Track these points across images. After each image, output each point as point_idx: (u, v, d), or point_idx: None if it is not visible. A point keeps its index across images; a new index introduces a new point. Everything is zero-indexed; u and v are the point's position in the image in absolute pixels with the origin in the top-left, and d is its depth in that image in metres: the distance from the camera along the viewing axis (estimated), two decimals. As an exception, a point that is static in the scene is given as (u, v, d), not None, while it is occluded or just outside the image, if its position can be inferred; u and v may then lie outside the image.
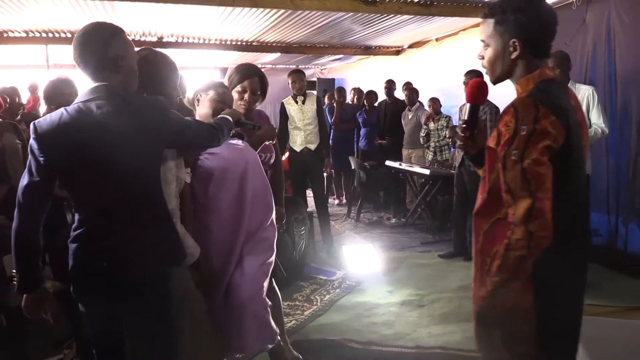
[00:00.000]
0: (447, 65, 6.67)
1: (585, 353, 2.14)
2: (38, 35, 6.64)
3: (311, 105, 4.97)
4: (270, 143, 2.72)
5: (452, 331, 3.20)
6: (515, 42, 1.46)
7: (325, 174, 5.45)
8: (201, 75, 9.97)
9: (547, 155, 1.34)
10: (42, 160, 1.59)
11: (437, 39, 7.15)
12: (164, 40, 7.08)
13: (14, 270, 1.67)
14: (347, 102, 7.77)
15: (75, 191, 1.68)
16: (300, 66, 9.80)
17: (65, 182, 1.68)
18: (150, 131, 1.62)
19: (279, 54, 8.38)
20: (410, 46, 7.90)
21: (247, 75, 2.64)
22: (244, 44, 7.51)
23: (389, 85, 6.74)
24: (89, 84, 1.63)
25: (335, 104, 7.38)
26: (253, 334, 2.31)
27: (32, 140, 1.61)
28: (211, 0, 4.82)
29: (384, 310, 3.62)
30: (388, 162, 6.28)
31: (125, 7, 5.13)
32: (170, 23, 6.17)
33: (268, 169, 2.72)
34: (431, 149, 6.05)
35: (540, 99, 1.38)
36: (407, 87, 6.53)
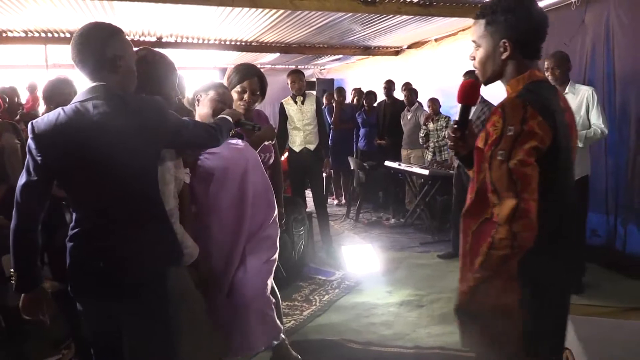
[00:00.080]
0: (446, 65, 6.67)
1: (584, 354, 2.15)
2: (37, 35, 6.64)
3: (310, 106, 4.96)
4: (269, 143, 2.72)
5: (451, 331, 3.19)
6: (506, 43, 1.47)
7: (324, 174, 5.44)
8: (200, 76, 9.96)
9: (533, 156, 1.34)
10: (40, 160, 1.59)
11: (436, 40, 7.15)
12: (163, 40, 7.07)
13: (12, 270, 1.67)
14: (347, 102, 7.77)
15: (72, 191, 1.68)
16: (299, 66, 9.81)
17: (63, 182, 1.69)
18: (148, 131, 1.62)
19: (278, 54, 8.38)
20: (410, 46, 7.90)
21: (246, 75, 2.65)
22: (243, 44, 7.51)
23: (388, 86, 6.74)
24: (88, 84, 1.63)
25: (334, 104, 7.38)
26: (258, 331, 2.31)
27: (29, 139, 1.61)
28: (210, 0, 4.82)
29: (383, 310, 3.62)
30: (387, 163, 6.28)
31: (125, 7, 5.13)
32: (169, 23, 6.16)
33: (267, 169, 2.72)
34: (430, 150, 6.05)
35: (528, 99, 1.38)
36: (406, 88, 6.53)
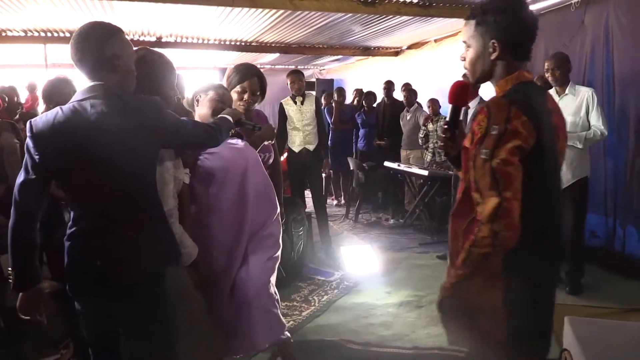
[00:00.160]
0: (445, 66, 6.66)
1: (583, 355, 2.15)
2: (37, 34, 6.63)
3: (310, 106, 4.96)
4: (269, 143, 2.72)
5: (450, 332, 3.20)
6: (495, 43, 1.47)
7: (323, 174, 5.44)
8: (200, 76, 9.96)
9: (517, 156, 1.34)
10: (38, 159, 1.59)
11: (435, 40, 7.15)
12: (163, 40, 7.07)
13: (10, 268, 1.66)
14: (347, 102, 7.77)
15: (70, 190, 1.68)
16: (299, 67, 9.81)
17: (61, 181, 1.68)
18: (147, 131, 1.61)
19: (278, 55, 8.37)
20: (409, 47, 7.90)
21: (246, 75, 2.64)
22: (243, 44, 7.51)
23: (388, 86, 6.75)
24: (87, 83, 1.63)
25: (334, 105, 7.38)
26: (261, 328, 2.31)
27: (28, 138, 1.61)
28: (210, 0, 4.82)
29: (382, 311, 3.62)
30: (386, 163, 6.28)
31: (124, 6, 5.12)
32: (169, 23, 6.16)
33: (267, 169, 2.72)
34: (430, 150, 6.05)
35: (513, 99, 1.38)
36: (405, 88, 6.53)
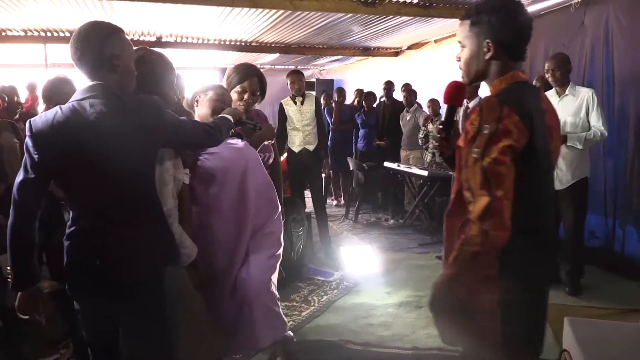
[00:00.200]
0: (445, 66, 6.66)
1: (582, 355, 2.15)
2: (37, 34, 6.63)
3: (310, 106, 4.96)
4: (269, 143, 2.72)
5: (450, 333, 3.20)
6: (489, 43, 1.47)
7: (323, 174, 5.44)
8: (200, 76, 9.96)
9: (508, 155, 1.34)
10: (37, 158, 1.59)
11: (435, 41, 7.15)
12: (163, 40, 7.07)
13: (9, 267, 1.66)
14: (347, 103, 7.77)
15: (70, 190, 1.68)
16: (299, 67, 9.81)
17: (60, 181, 1.68)
18: (146, 131, 1.61)
19: (278, 55, 8.37)
20: (409, 47, 7.90)
21: (246, 75, 2.64)
22: (243, 44, 7.51)
23: (388, 87, 6.74)
24: (86, 82, 1.63)
25: (334, 105, 7.38)
26: (263, 326, 2.31)
27: (27, 137, 1.61)
28: (210, 1, 4.82)
29: (382, 311, 3.62)
30: (386, 163, 6.28)
31: (124, 6, 5.12)
32: (169, 23, 6.16)
33: (266, 169, 2.72)
34: (429, 151, 6.04)
35: (505, 99, 1.39)
36: (405, 89, 6.53)
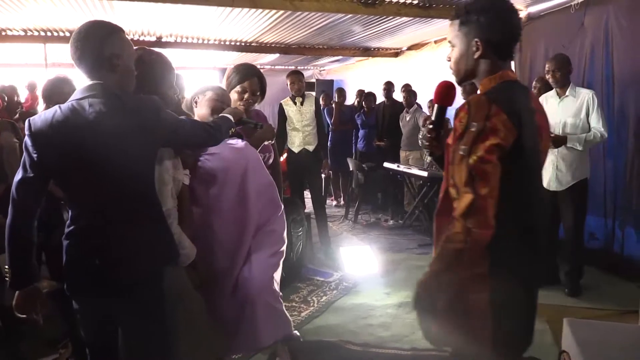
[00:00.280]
0: (445, 67, 6.57)
1: (581, 356, 2.15)
2: (36, 33, 6.62)
3: (310, 107, 4.96)
4: (268, 143, 2.72)
5: (449, 333, 3.19)
6: (478, 42, 1.48)
7: (323, 175, 5.44)
8: (200, 76, 9.96)
9: (495, 154, 1.34)
10: (36, 157, 1.59)
11: (435, 41, 7.14)
12: (163, 40, 7.06)
13: (7, 266, 1.66)
14: (346, 103, 7.77)
15: (69, 189, 1.68)
16: (299, 67, 9.80)
17: (59, 180, 1.68)
18: (146, 131, 1.61)
19: (278, 55, 8.36)
20: (409, 48, 7.90)
21: (246, 75, 2.64)
22: (243, 44, 7.50)
23: (388, 87, 6.75)
24: (86, 82, 1.63)
25: (334, 105, 7.38)
26: (266, 325, 2.30)
27: (26, 137, 1.61)
28: (210, 1, 4.81)
29: (381, 312, 3.62)
30: (386, 164, 6.27)
31: (124, 6, 5.12)
32: (169, 23, 6.16)
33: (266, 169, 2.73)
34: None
35: (494, 97, 1.39)
36: (405, 89, 6.53)
